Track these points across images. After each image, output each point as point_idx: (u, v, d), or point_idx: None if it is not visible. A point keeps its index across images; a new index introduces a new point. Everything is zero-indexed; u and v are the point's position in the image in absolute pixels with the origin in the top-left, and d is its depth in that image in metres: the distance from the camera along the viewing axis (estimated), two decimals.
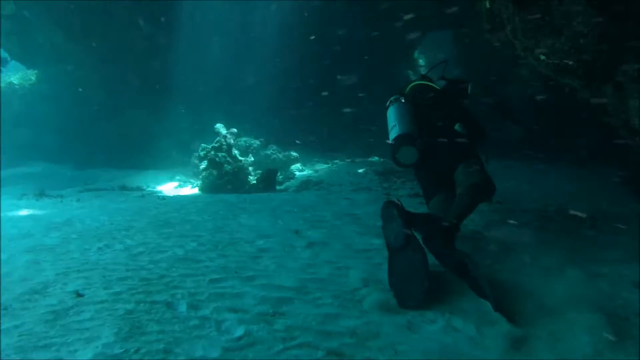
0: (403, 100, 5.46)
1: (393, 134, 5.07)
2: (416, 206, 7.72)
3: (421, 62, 22.21)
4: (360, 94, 18.26)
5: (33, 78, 19.18)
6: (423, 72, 6.13)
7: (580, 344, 3.18)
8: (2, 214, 7.38)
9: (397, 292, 3.95)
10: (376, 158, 15.69)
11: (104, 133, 16.90)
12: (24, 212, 7.70)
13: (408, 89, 5.75)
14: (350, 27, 17.91)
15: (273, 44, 17.58)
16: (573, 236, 5.46)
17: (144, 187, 12.57)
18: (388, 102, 5.49)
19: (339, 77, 17.70)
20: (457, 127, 5.19)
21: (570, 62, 3.36)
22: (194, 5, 16.86)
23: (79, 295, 3.93)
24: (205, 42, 17.12)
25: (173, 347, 3.17)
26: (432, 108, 5.32)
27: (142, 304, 3.78)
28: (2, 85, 18.96)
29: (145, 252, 5.11)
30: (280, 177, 12.26)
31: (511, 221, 6.29)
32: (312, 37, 16.19)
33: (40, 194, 9.73)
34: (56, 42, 16.02)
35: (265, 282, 4.29)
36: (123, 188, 12.05)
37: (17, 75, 19.75)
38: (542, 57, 3.56)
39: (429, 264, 4.06)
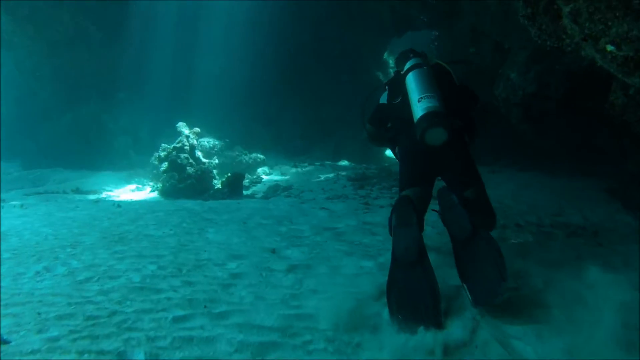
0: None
1: (425, 105, 4.11)
2: None
3: (391, 62, 21.62)
4: (327, 95, 17.71)
5: None
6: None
7: None
8: None
9: (395, 309, 3.46)
10: (345, 162, 15.02)
11: (55, 129, 15.84)
12: None
13: (432, 60, 4.82)
14: (320, 25, 17.31)
15: (238, 43, 16.85)
16: (582, 256, 4.82)
17: (100, 191, 11.55)
18: (409, 65, 4.51)
19: (304, 77, 17.15)
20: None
21: None
22: None
23: (3, 342, 3.06)
24: (167, 34, 16.24)
25: None
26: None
27: (85, 355, 2.93)
28: None
29: (94, 278, 4.21)
30: (246, 181, 11.43)
31: (511, 240, 5.71)
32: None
33: None
34: (1, 27, 14.73)
35: (242, 320, 3.49)
36: (77, 191, 11.04)
37: None
38: (610, 48, 2.82)
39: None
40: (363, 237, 5.83)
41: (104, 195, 11.22)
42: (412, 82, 4.34)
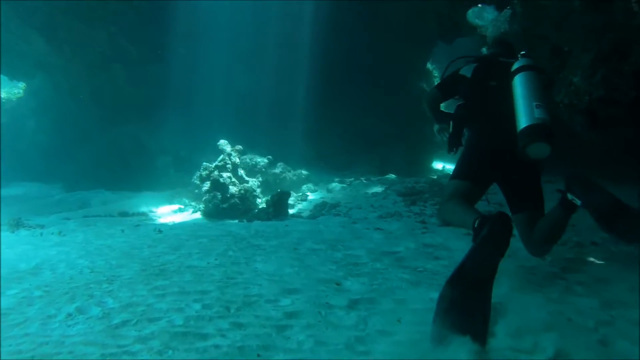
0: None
1: (541, 116, 3.81)
2: (459, 236, 6.51)
3: (435, 73, 20.99)
4: (370, 108, 17.23)
5: (21, 91, 18.02)
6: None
7: None
8: None
9: (439, 324, 3.12)
10: (393, 176, 14.42)
11: (95, 150, 15.71)
12: None
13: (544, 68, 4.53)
14: (359, 37, 16.91)
15: (276, 58, 16.56)
16: None
17: (146, 213, 11.22)
18: (525, 62, 4.18)
19: (345, 90, 16.77)
20: None
21: None
22: (193, 7, 15.78)
23: None
24: (205, 49, 16.00)
25: None
26: None
27: None
28: None
29: (131, 320, 3.70)
30: (291, 199, 10.93)
31: (591, 260, 5.12)
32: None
33: (17, 224, 8.36)
34: (38, 50, 14.62)
35: None
36: (121, 214, 10.71)
37: (5, 89, 18.62)
38: None
39: None
40: (426, 262, 5.27)
41: (146, 217, 10.88)
42: (529, 83, 4.02)
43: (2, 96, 18.25)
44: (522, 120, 3.83)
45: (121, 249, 6.15)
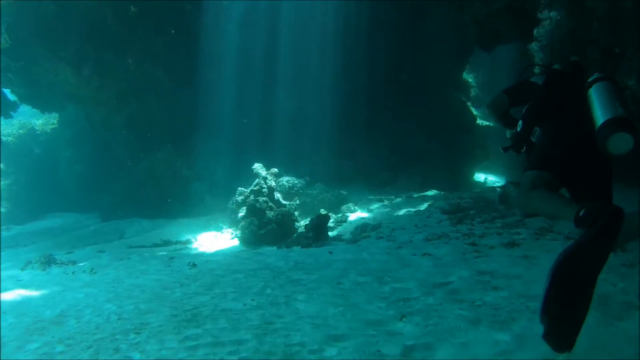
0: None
1: (613, 111, 3.50)
2: (516, 260, 5.98)
3: (471, 81, 20.46)
4: (408, 124, 16.82)
5: (55, 122, 18.05)
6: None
7: None
8: None
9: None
10: (434, 192, 13.88)
11: (130, 179, 15.65)
12: (12, 295, 5.96)
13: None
14: (397, 50, 16.58)
15: (312, 78, 16.33)
16: None
17: (183, 241, 10.98)
18: (601, 75, 3.87)
19: (383, 107, 16.43)
20: None
21: None
22: (222, 31, 15.61)
23: None
24: (236, 71, 15.78)
25: None
26: None
27: None
28: (22, 131, 17.84)
29: None
30: (331, 222, 10.50)
31: None
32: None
33: (48, 261, 8.09)
34: (67, 81, 14.52)
35: None
36: (159, 244, 10.58)
37: (40, 121, 18.71)
38: None
39: None
40: (484, 294, 4.73)
41: (183, 245, 10.62)
42: (609, 88, 3.68)
43: (38, 128, 18.35)
44: (603, 115, 3.48)
45: (152, 290, 5.71)
